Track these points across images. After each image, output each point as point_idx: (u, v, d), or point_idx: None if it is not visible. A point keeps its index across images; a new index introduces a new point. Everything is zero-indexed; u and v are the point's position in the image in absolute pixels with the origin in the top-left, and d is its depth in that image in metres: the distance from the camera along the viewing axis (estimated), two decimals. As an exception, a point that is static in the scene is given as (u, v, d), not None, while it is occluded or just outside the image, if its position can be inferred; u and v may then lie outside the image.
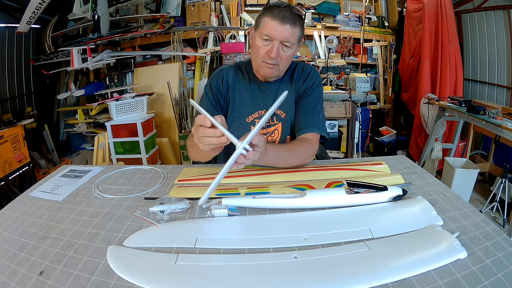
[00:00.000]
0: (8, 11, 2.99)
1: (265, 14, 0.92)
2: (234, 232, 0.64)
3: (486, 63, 3.05)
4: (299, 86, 1.07)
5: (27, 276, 0.53)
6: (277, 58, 0.94)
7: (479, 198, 2.50)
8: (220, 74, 1.08)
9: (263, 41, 0.93)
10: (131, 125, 2.51)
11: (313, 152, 0.99)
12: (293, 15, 0.91)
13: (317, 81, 1.08)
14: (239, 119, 1.07)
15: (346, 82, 3.34)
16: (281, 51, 0.93)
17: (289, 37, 0.91)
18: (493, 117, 1.97)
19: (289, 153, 0.90)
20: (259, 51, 0.95)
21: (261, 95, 1.06)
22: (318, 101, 1.07)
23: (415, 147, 3.09)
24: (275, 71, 0.99)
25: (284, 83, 1.08)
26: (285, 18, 0.89)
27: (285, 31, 0.90)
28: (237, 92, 1.07)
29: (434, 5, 2.77)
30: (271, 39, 0.92)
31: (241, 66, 1.11)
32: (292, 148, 0.92)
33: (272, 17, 0.90)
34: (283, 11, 0.90)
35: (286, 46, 0.93)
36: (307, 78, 1.07)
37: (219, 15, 3.39)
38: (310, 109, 1.04)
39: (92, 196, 0.83)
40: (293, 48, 0.95)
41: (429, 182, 0.84)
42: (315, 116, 1.03)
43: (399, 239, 0.59)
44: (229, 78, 1.07)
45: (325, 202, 0.71)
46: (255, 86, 1.07)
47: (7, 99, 3.09)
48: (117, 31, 3.12)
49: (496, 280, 0.48)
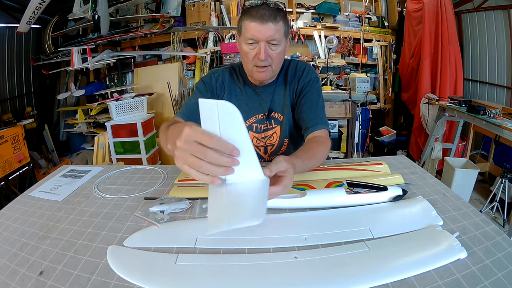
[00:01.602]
0: (8, 11, 2.99)
1: (244, 18, 0.89)
2: (234, 232, 0.64)
3: (486, 63, 3.05)
4: (294, 86, 1.03)
5: (27, 276, 0.53)
6: (268, 58, 0.91)
7: (479, 198, 2.50)
8: (215, 74, 1.05)
9: (249, 45, 0.90)
10: (131, 125, 2.51)
11: (329, 150, 0.92)
12: (272, 11, 0.87)
13: (314, 77, 1.03)
14: None
15: (346, 82, 3.34)
16: (269, 51, 0.90)
17: (274, 35, 0.87)
18: (493, 117, 1.97)
19: (314, 161, 0.83)
20: (247, 56, 0.92)
21: (257, 99, 1.04)
22: (319, 96, 1.02)
23: (415, 147, 3.09)
24: (269, 73, 0.95)
25: (279, 84, 1.04)
26: (264, 17, 0.85)
27: (268, 29, 0.86)
28: (233, 96, 1.04)
29: (434, 5, 2.78)
30: (256, 41, 0.89)
31: (235, 68, 1.07)
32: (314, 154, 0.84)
33: (251, 18, 0.87)
34: (261, 10, 0.86)
35: (273, 44, 0.89)
36: (301, 76, 1.02)
37: (219, 15, 3.39)
38: (313, 106, 0.99)
39: (92, 196, 0.83)
40: (282, 44, 0.91)
41: (429, 182, 0.84)
42: (320, 112, 0.99)
43: (399, 239, 0.59)
44: (225, 80, 1.04)
45: (325, 202, 0.71)
46: (250, 90, 1.04)
47: (7, 99, 3.09)
48: (117, 31, 3.12)
49: (496, 280, 0.48)
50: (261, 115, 1.05)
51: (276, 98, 1.05)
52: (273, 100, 1.04)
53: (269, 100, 1.04)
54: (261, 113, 1.05)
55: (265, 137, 1.07)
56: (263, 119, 1.05)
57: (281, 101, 1.05)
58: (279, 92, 1.05)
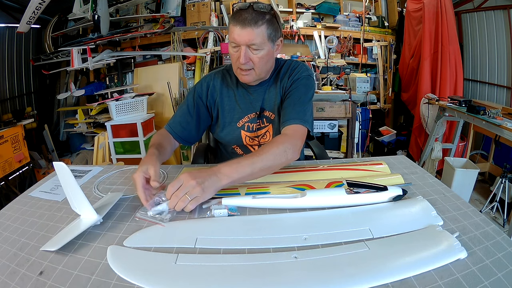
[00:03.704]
0: (8, 11, 2.99)
1: (230, 21, 0.92)
2: (234, 232, 0.64)
3: (486, 63, 3.04)
4: (284, 84, 1.03)
5: (27, 276, 0.53)
6: (249, 62, 0.92)
7: (479, 198, 2.50)
8: (206, 80, 1.08)
9: (233, 48, 0.93)
10: (131, 125, 2.51)
11: (290, 146, 0.82)
12: (254, 15, 0.88)
13: (304, 74, 1.01)
14: (230, 124, 1.07)
15: (346, 82, 3.34)
16: (250, 54, 0.91)
17: (253, 39, 0.88)
18: (493, 117, 1.97)
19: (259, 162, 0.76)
20: (232, 58, 0.95)
21: (249, 98, 1.06)
22: (306, 93, 0.98)
23: (415, 147, 3.09)
24: (252, 76, 0.97)
25: (271, 84, 1.06)
26: (245, 21, 0.87)
27: (247, 34, 0.88)
28: (225, 98, 1.06)
29: (434, 5, 2.77)
30: (238, 45, 0.91)
31: (229, 69, 1.09)
32: (260, 153, 0.78)
33: (234, 22, 0.89)
34: (245, 13, 0.88)
35: (254, 48, 0.91)
36: (292, 73, 1.02)
37: (219, 15, 3.39)
38: (293, 102, 0.96)
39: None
40: (264, 48, 0.92)
41: (429, 182, 0.84)
42: (299, 108, 0.94)
43: (399, 239, 0.59)
44: (216, 85, 1.07)
45: (325, 202, 0.71)
46: (243, 90, 1.06)
47: (7, 99, 3.09)
48: (117, 31, 3.12)
49: (496, 280, 0.48)
50: (253, 114, 1.06)
51: (267, 97, 1.06)
52: (264, 99, 1.06)
53: (261, 99, 1.05)
54: (253, 112, 1.06)
55: (258, 136, 1.08)
56: (255, 118, 1.06)
57: (272, 100, 1.05)
58: (270, 91, 1.06)
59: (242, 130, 1.07)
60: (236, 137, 1.08)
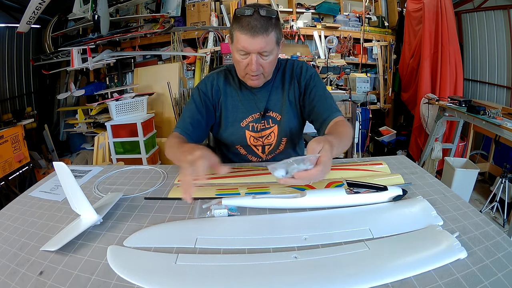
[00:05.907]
0: (8, 11, 2.99)
1: (236, 28, 0.88)
2: (234, 232, 0.64)
3: (486, 63, 3.05)
4: (294, 86, 1.04)
5: (27, 276, 0.53)
6: (259, 68, 0.92)
7: (479, 198, 2.50)
8: (209, 79, 1.07)
9: (241, 55, 0.91)
10: (131, 125, 2.51)
11: (352, 132, 0.89)
12: (263, 22, 0.85)
13: (313, 72, 1.05)
14: (233, 124, 1.07)
15: (346, 82, 3.34)
16: (261, 61, 0.91)
17: (265, 47, 0.87)
18: (493, 117, 1.97)
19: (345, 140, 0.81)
20: (240, 65, 0.93)
21: (253, 99, 1.05)
22: (324, 88, 1.04)
23: (415, 147, 3.09)
24: (261, 81, 0.98)
25: (276, 84, 1.06)
26: (255, 29, 0.84)
27: (259, 42, 0.86)
28: (229, 98, 1.06)
29: (434, 5, 2.78)
30: (247, 53, 0.90)
31: (231, 69, 1.09)
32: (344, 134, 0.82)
33: (241, 30, 0.86)
34: (252, 21, 0.84)
35: (265, 55, 0.90)
36: (300, 74, 1.04)
37: (219, 15, 3.39)
38: (323, 98, 1.00)
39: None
40: (273, 53, 0.92)
41: (429, 182, 0.84)
42: (331, 102, 1.00)
43: (399, 239, 0.59)
44: (220, 84, 1.06)
45: (325, 202, 0.71)
46: (247, 91, 1.06)
47: (7, 99, 3.09)
48: (117, 31, 3.12)
49: (496, 280, 0.48)
50: (257, 115, 1.06)
51: (272, 98, 1.06)
52: (269, 100, 1.06)
53: (265, 99, 1.05)
54: (257, 113, 1.06)
55: (262, 136, 1.08)
56: (259, 118, 1.06)
57: (278, 101, 1.05)
58: (276, 92, 1.06)
59: (247, 130, 1.07)
60: (241, 137, 1.08)
